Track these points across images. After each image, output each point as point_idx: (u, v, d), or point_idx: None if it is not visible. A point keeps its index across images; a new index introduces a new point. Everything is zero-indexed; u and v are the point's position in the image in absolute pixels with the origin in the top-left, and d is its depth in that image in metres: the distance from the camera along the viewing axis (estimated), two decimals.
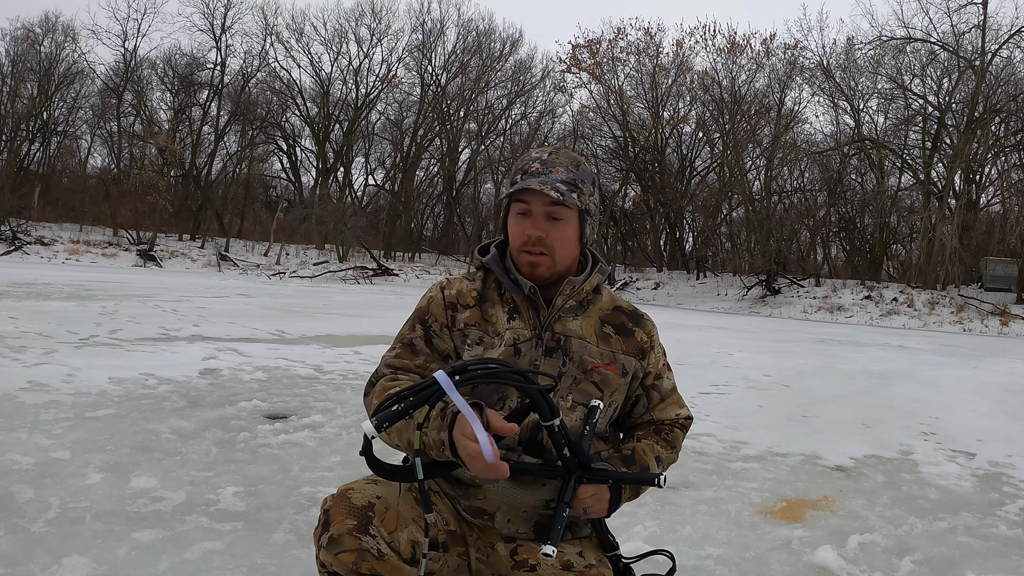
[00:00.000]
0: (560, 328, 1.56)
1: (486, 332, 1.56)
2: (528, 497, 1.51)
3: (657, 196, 32.96)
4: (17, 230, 25.89)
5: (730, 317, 20.15)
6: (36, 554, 2.16)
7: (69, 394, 4.22)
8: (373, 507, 1.40)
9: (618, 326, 1.63)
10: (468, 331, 1.56)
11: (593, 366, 1.56)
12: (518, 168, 1.57)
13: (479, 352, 1.54)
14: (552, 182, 1.49)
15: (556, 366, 1.54)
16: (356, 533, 1.36)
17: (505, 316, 1.57)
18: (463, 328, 1.57)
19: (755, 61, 30.48)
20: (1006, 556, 2.77)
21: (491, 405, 1.49)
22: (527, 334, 1.55)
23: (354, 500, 1.40)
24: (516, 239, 1.55)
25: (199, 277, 21.65)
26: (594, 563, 1.50)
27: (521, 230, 1.53)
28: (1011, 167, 27.46)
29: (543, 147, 1.61)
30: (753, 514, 3.02)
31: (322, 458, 3.37)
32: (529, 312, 1.56)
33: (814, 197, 29.96)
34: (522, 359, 1.52)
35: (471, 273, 1.68)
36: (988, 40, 25.76)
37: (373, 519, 1.39)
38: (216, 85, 33.83)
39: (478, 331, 1.56)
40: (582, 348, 1.56)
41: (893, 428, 5.02)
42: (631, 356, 1.61)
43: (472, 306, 1.59)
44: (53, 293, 10.99)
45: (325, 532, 1.38)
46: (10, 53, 32.98)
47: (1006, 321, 20.98)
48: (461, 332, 1.57)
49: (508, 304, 1.59)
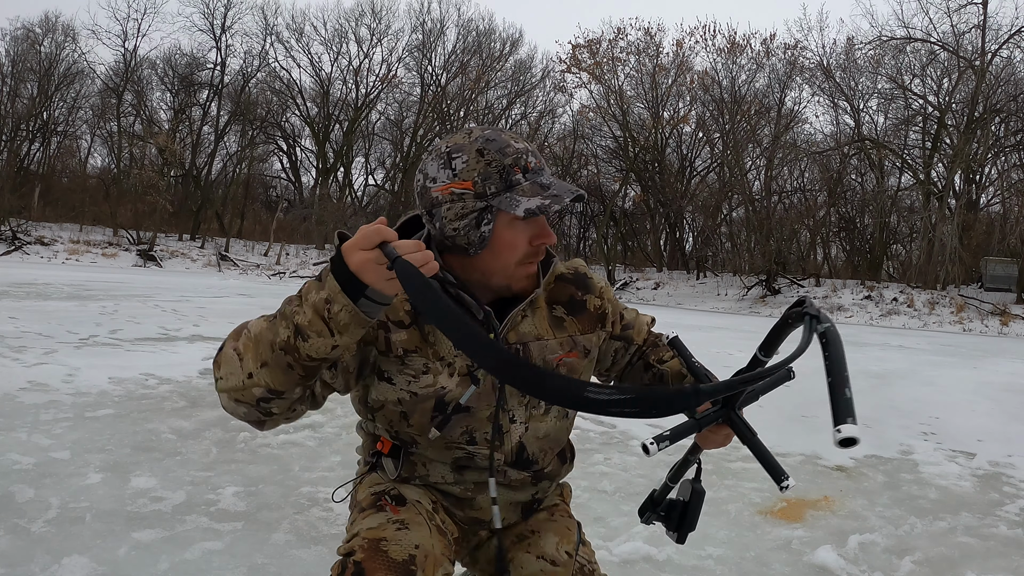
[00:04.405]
0: (514, 336, 1.34)
1: (428, 358, 1.29)
2: (521, 495, 1.45)
3: (657, 196, 32.95)
4: (17, 230, 25.88)
5: (730, 317, 20.13)
6: (36, 554, 2.16)
7: (69, 394, 4.22)
8: (415, 560, 1.21)
9: (567, 302, 1.42)
10: (408, 358, 1.28)
11: (556, 361, 1.38)
12: (509, 164, 1.24)
13: (429, 381, 1.28)
14: (565, 184, 1.26)
15: None
16: None
17: None
18: (401, 355, 1.28)
19: (755, 61, 30.47)
20: (1006, 556, 2.77)
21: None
22: None
23: (392, 554, 1.20)
24: (516, 251, 1.27)
25: (199, 277, 21.64)
26: (571, 552, 1.44)
27: (525, 239, 1.27)
28: (1011, 167, 27.46)
29: (507, 132, 1.29)
30: (753, 514, 3.02)
31: (322, 458, 3.37)
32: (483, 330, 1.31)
33: (814, 197, 29.94)
34: (481, 387, 1.31)
35: None
36: (988, 40, 25.77)
37: (416, 572, 1.20)
38: (216, 85, 33.81)
39: (420, 358, 1.28)
40: (542, 349, 1.36)
41: (893, 428, 5.02)
42: (589, 333, 1.43)
43: (408, 325, 1.28)
44: (53, 293, 10.99)
45: None
46: (10, 53, 32.97)
47: (1006, 321, 20.97)
48: (399, 359, 1.28)
49: None
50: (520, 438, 1.37)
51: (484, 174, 1.23)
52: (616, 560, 2.45)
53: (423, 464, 1.38)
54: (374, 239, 1.04)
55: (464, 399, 1.31)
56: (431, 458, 1.37)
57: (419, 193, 1.29)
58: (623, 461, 3.68)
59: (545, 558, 1.42)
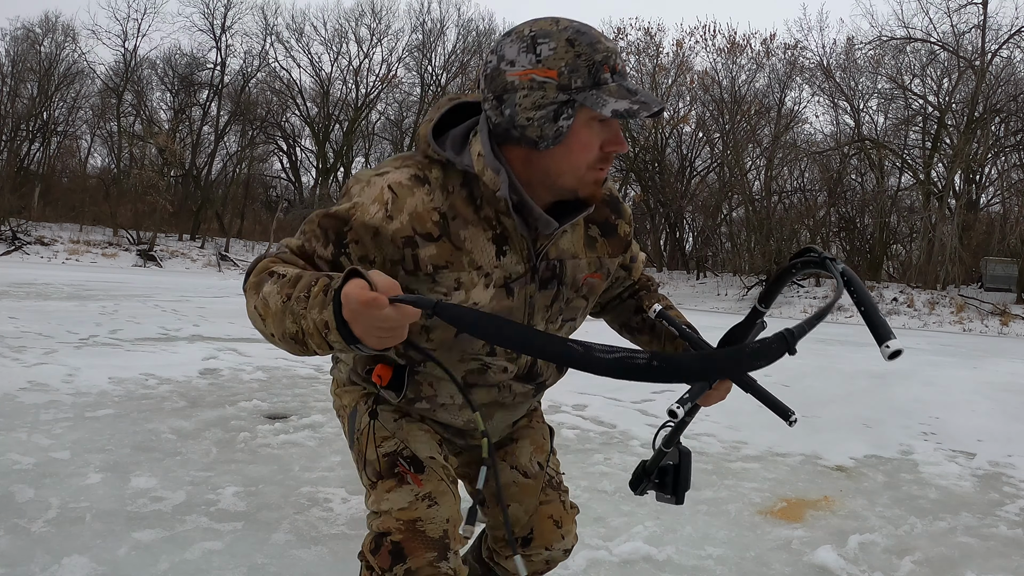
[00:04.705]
0: (554, 252, 1.30)
1: (463, 269, 1.22)
2: (517, 414, 1.48)
3: (657, 196, 32.94)
4: (17, 230, 25.89)
5: (730, 317, 20.12)
6: (36, 554, 2.16)
7: (69, 394, 4.22)
8: (447, 534, 1.29)
9: (603, 224, 1.39)
10: (439, 275, 1.21)
11: (583, 280, 1.36)
12: (599, 61, 1.15)
13: (461, 298, 1.23)
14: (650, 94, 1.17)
15: (549, 297, 1.31)
16: (436, 563, 1.26)
17: (492, 247, 1.24)
18: (431, 272, 1.21)
19: (755, 61, 30.48)
20: (1006, 556, 2.77)
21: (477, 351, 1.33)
22: (520, 269, 1.27)
23: (429, 533, 1.27)
24: (589, 153, 1.19)
25: (199, 277, 21.64)
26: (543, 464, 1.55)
27: (598, 143, 1.18)
28: (1011, 167, 27.45)
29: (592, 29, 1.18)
30: (753, 514, 3.02)
31: (322, 458, 3.37)
32: (524, 241, 1.26)
33: (814, 197, 29.93)
34: (515, 300, 1.27)
35: (419, 168, 1.24)
36: (988, 40, 25.78)
37: (450, 545, 1.29)
38: (216, 85, 33.82)
39: (452, 273, 1.22)
40: (575, 267, 1.34)
41: (893, 428, 5.02)
42: (615, 257, 1.42)
43: (437, 237, 1.21)
44: (53, 293, 10.99)
45: (399, 563, 1.25)
46: (10, 53, 33.00)
47: (1006, 321, 20.97)
48: (429, 277, 1.21)
49: (492, 228, 1.24)
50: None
51: (572, 66, 1.14)
52: (616, 560, 2.45)
53: (430, 384, 1.35)
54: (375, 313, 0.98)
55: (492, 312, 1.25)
56: (440, 376, 1.33)
57: (488, 76, 1.20)
58: (623, 461, 3.68)
59: (519, 469, 1.51)
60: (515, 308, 1.29)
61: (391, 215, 1.19)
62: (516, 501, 1.52)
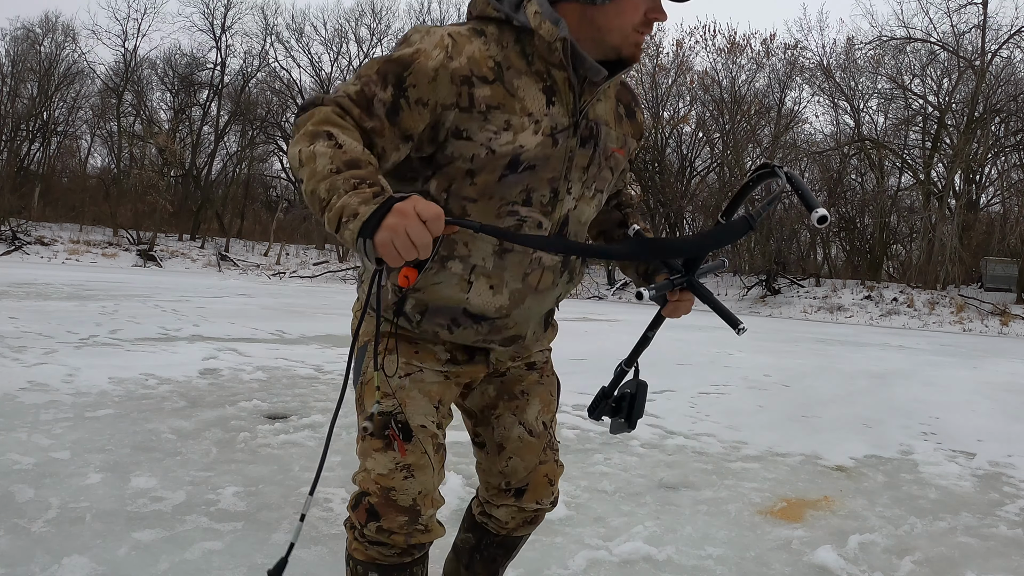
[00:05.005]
0: (592, 115, 1.40)
1: (514, 113, 1.31)
2: (548, 301, 1.50)
3: (657, 196, 32.92)
4: (17, 230, 25.90)
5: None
6: (36, 554, 2.16)
7: (69, 394, 4.22)
8: (416, 503, 1.41)
9: (627, 105, 1.51)
10: (491, 115, 1.29)
11: (612, 151, 1.45)
12: None
13: (508, 139, 1.30)
14: None
15: (586, 158, 1.40)
16: (407, 526, 1.41)
17: (542, 97, 1.33)
18: (484, 111, 1.29)
19: (755, 61, 30.47)
20: (1006, 556, 2.77)
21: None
22: (565, 122, 1.35)
23: (400, 502, 1.40)
24: (637, 14, 1.32)
25: (199, 277, 21.65)
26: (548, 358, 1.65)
27: (643, 7, 1.32)
28: (1011, 167, 27.45)
29: None
30: (753, 514, 3.02)
31: None
32: (570, 96, 1.35)
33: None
34: (557, 150, 1.35)
35: (476, 25, 1.36)
36: (988, 40, 25.79)
37: (421, 511, 1.42)
38: (216, 85, 33.82)
39: (503, 114, 1.30)
40: (607, 136, 1.43)
41: (893, 428, 5.02)
42: (634, 138, 1.53)
43: (492, 80, 1.30)
44: (53, 293, 10.99)
45: (373, 521, 1.40)
46: (10, 53, 33.01)
47: (1006, 321, 20.97)
48: (481, 115, 1.29)
49: (543, 79, 1.34)
50: (568, 212, 1.41)
51: None
52: (616, 560, 2.45)
53: (464, 244, 1.37)
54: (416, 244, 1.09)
55: (535, 158, 1.33)
56: (476, 237, 1.37)
57: None
58: (623, 461, 3.68)
59: (525, 426, 1.58)
60: (556, 158, 1.36)
61: (451, 56, 1.28)
62: (518, 456, 1.59)
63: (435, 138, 1.31)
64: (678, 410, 5.08)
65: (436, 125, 1.30)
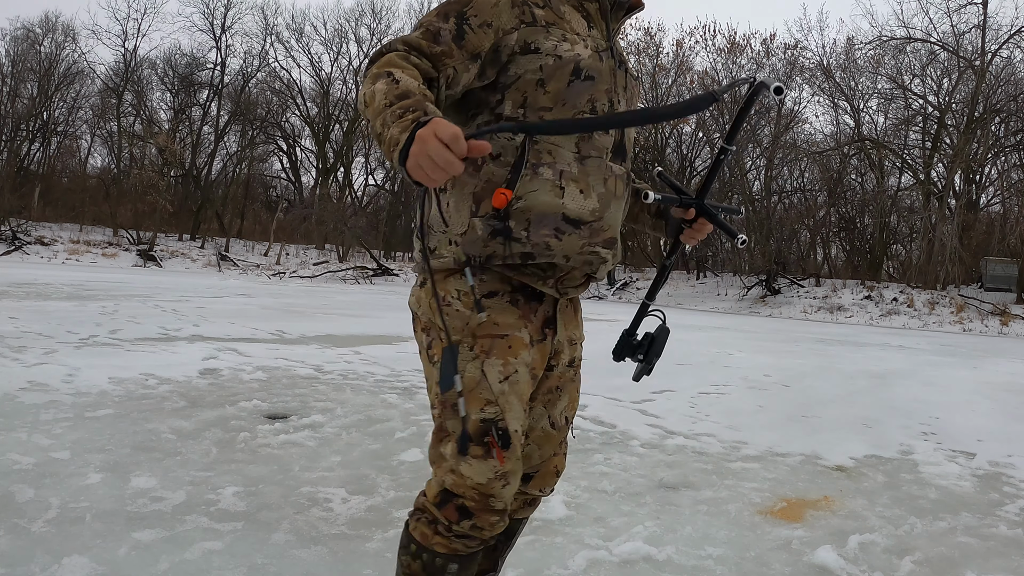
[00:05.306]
0: (616, 48, 1.58)
1: (567, 31, 1.48)
2: (620, 213, 1.58)
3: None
4: (17, 230, 25.90)
5: (730, 317, 20.14)
6: (36, 554, 2.16)
7: (69, 394, 4.22)
8: (508, 504, 1.50)
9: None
10: (551, 28, 1.47)
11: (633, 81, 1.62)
12: None
13: (567, 48, 1.46)
14: None
15: (624, 78, 1.57)
16: (497, 524, 1.49)
17: (583, 21, 1.53)
18: (545, 25, 1.46)
19: (755, 61, 30.48)
20: (1006, 556, 2.77)
21: None
22: (603, 44, 1.54)
23: (496, 507, 1.47)
24: None
25: (199, 277, 21.65)
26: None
27: None
28: (1011, 167, 27.45)
29: None
30: (753, 514, 3.02)
31: (322, 458, 3.37)
32: (603, 24, 1.55)
33: (814, 197, 29.94)
34: (604, 64, 1.51)
35: None
36: (988, 40, 25.80)
37: (507, 508, 1.51)
38: (216, 85, 33.84)
39: (559, 29, 1.47)
40: (627, 62, 1.61)
41: (893, 428, 5.02)
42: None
43: (543, 6, 1.48)
44: (53, 293, 10.99)
45: (466, 519, 1.46)
46: (10, 53, 33.05)
47: (1006, 321, 20.97)
48: (544, 28, 1.46)
49: (580, 9, 1.55)
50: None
51: None
52: (616, 560, 2.45)
53: (548, 152, 1.46)
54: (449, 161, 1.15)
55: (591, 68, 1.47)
56: (556, 143, 1.46)
57: None
58: (623, 461, 3.68)
59: (551, 419, 1.65)
60: (606, 72, 1.51)
61: None
62: (536, 445, 1.66)
63: (497, 59, 1.44)
64: (678, 410, 5.08)
65: (498, 48, 1.43)
